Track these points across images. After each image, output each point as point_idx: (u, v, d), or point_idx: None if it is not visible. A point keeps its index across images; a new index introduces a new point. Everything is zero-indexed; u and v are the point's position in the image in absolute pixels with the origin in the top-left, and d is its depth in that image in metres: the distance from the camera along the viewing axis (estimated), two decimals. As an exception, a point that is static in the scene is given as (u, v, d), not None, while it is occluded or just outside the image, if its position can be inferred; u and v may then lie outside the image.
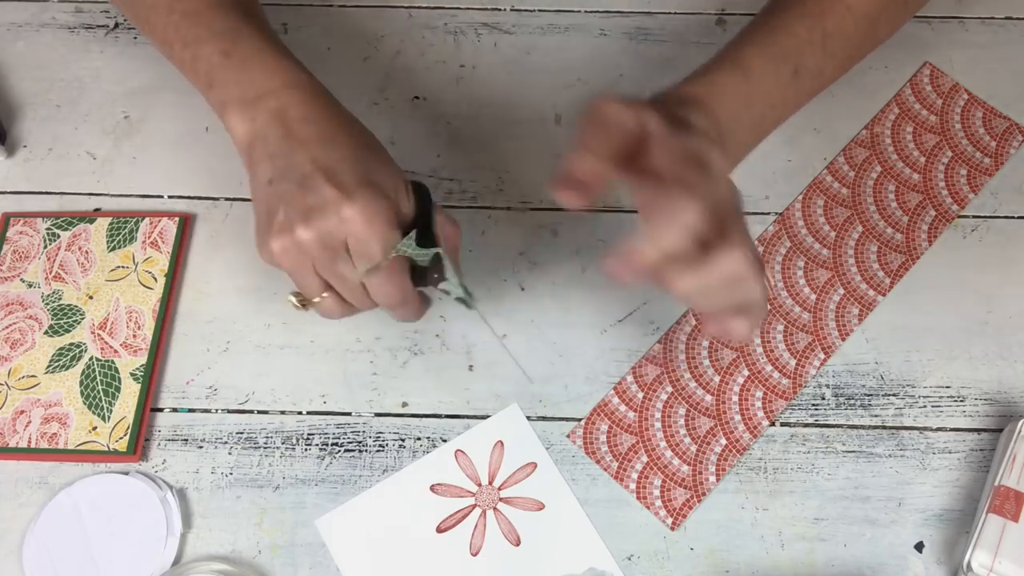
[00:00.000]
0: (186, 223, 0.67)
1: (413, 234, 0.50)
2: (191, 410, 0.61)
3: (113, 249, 0.65)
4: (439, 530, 0.58)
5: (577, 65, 0.73)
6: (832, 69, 0.54)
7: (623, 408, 0.61)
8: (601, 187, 0.45)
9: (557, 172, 0.45)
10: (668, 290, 0.45)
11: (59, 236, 0.66)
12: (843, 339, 0.62)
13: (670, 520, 0.58)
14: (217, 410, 0.61)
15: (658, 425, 0.60)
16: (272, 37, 0.54)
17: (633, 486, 0.59)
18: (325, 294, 0.52)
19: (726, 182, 0.46)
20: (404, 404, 0.61)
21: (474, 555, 0.57)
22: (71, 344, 0.63)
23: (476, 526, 0.58)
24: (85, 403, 0.61)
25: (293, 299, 0.53)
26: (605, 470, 0.59)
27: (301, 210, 0.48)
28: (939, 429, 0.60)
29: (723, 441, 0.60)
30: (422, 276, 0.52)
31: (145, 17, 0.56)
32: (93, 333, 0.63)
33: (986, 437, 0.60)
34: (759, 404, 0.61)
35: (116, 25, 0.75)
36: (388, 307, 0.53)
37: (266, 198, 0.49)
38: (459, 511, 0.58)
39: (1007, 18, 0.73)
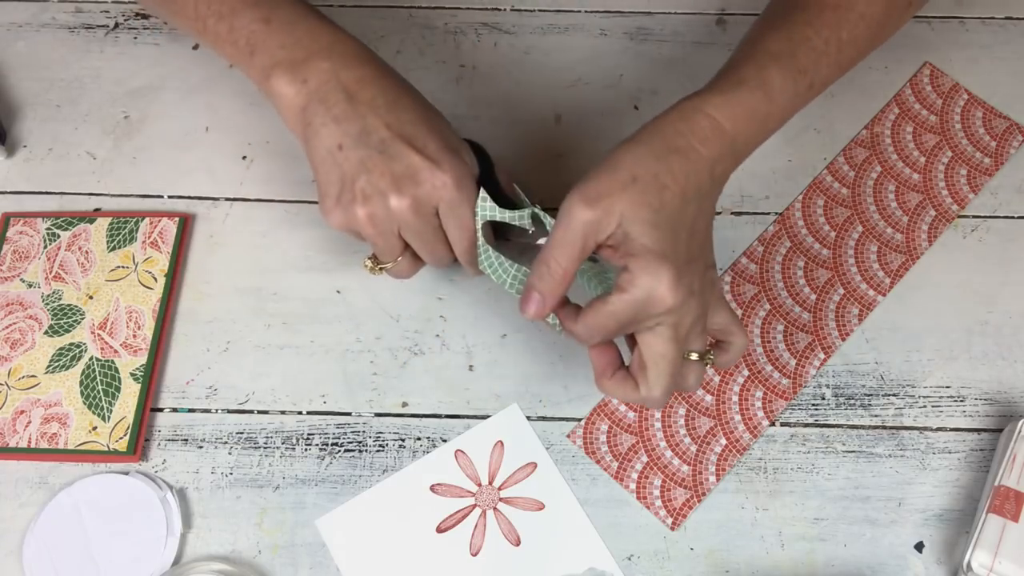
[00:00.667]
0: (186, 223, 0.67)
1: (484, 192, 0.52)
2: (191, 410, 0.61)
3: (113, 249, 0.65)
4: (439, 530, 0.58)
5: (577, 65, 0.73)
6: (837, 75, 0.54)
7: (623, 408, 0.61)
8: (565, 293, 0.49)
9: (527, 293, 0.48)
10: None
11: (59, 236, 0.66)
12: (843, 339, 0.62)
13: (670, 520, 0.58)
14: (217, 410, 0.61)
15: (658, 425, 0.60)
16: (308, 4, 0.54)
17: (633, 486, 0.59)
18: (399, 257, 0.54)
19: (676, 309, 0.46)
20: (404, 404, 0.61)
21: (474, 555, 0.57)
22: (71, 344, 0.63)
23: (476, 526, 0.58)
24: (85, 403, 0.61)
25: (369, 263, 0.55)
26: (605, 470, 0.59)
27: (389, 178, 0.49)
28: (939, 429, 0.60)
29: (723, 441, 0.60)
30: (503, 230, 0.55)
31: None
32: (93, 333, 0.63)
33: (986, 437, 0.60)
34: (759, 404, 0.61)
35: (116, 25, 0.75)
36: (469, 263, 0.55)
37: (339, 164, 0.50)
38: (459, 511, 0.58)
39: (1007, 18, 0.73)
